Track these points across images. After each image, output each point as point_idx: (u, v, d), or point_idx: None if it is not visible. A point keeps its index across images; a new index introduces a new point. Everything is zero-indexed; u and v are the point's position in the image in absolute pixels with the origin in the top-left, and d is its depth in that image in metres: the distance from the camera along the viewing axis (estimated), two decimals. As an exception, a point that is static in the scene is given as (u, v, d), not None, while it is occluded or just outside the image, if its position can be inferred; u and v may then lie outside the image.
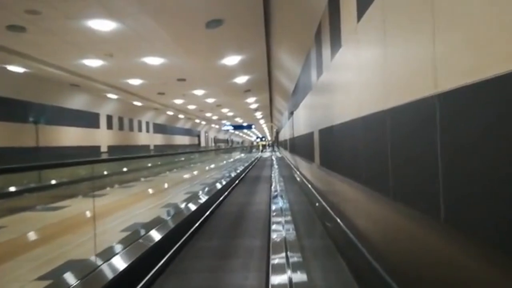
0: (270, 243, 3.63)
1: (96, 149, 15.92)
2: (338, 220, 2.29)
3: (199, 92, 14.14)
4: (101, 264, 2.80)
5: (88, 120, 15.14)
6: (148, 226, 4.04)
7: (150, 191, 8.58)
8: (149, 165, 12.23)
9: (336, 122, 3.76)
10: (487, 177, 1.07)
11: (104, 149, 16.68)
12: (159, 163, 12.69)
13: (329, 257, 2.41)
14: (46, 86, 11.33)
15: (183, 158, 14.70)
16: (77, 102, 13.80)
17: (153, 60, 8.65)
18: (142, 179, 10.65)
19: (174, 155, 14.58)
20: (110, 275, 2.70)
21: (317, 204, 3.30)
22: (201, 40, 6.95)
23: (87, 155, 14.55)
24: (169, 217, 4.65)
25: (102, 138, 16.48)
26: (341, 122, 3.49)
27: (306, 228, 3.76)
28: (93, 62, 8.72)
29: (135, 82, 11.42)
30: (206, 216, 5.76)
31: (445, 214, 1.33)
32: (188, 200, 5.87)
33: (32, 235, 4.19)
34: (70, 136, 13.82)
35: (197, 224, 5.14)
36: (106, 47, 7.46)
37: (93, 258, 2.89)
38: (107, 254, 3.01)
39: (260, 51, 8.27)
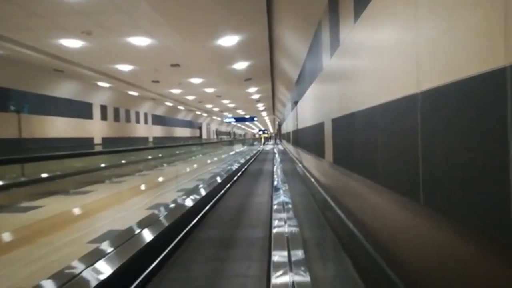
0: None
1: (88, 141, 15.08)
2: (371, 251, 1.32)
3: (196, 80, 13.10)
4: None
5: (80, 110, 14.23)
6: (124, 236, 3.29)
7: (141, 187, 7.95)
8: (149, 157, 11.77)
9: (363, 106, 2.75)
10: None
11: (98, 141, 15.86)
12: (160, 155, 12.26)
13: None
14: (27, 71, 10.33)
15: (183, 151, 14.20)
16: (65, 90, 12.84)
17: (140, 41, 7.61)
18: (137, 173, 10.17)
19: (172, 148, 13.94)
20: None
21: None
22: (191, 13, 5.89)
23: (78, 147, 13.68)
24: (151, 224, 3.81)
25: (95, 129, 15.65)
26: (372, 105, 2.47)
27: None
28: (71, 43, 7.69)
29: (124, 67, 10.38)
30: (196, 221, 4.84)
31: None
32: (178, 201, 5.06)
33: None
34: (58, 127, 12.90)
35: (184, 232, 4.25)
36: (81, 22, 6.44)
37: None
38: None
39: (261, 31, 7.19)
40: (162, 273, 3.23)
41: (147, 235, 3.46)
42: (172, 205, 4.77)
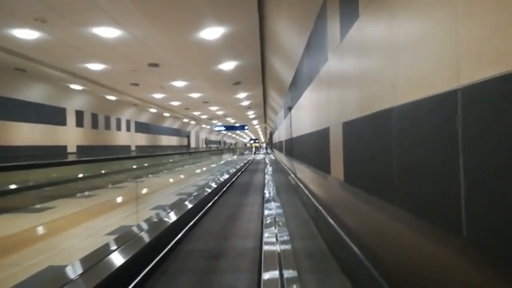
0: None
1: (61, 149, 13.70)
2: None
3: (179, 83, 11.92)
4: None
5: (50, 115, 12.91)
6: (65, 275, 2.47)
7: (110, 204, 6.99)
8: (134, 166, 10.82)
9: (415, 96, 1.62)
10: None
11: (72, 149, 14.50)
12: (146, 164, 11.36)
13: None
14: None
15: (171, 160, 13.29)
16: (33, 93, 11.51)
17: (107, 32, 6.41)
18: (113, 185, 9.20)
19: (152, 157, 12.92)
20: None
21: None
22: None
23: (48, 156, 12.31)
24: (105, 257, 2.86)
25: (69, 136, 14.32)
26: (442, 91, 1.35)
27: None
28: (25, 33, 6.45)
29: (95, 66, 9.12)
30: (168, 250, 3.74)
31: None
32: (148, 225, 4.12)
33: None
34: (24, 134, 11.56)
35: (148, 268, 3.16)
36: (30, 4, 5.24)
37: None
38: None
39: (250, 21, 6.09)
40: None
41: (94, 279, 2.50)
42: (138, 230, 3.80)
